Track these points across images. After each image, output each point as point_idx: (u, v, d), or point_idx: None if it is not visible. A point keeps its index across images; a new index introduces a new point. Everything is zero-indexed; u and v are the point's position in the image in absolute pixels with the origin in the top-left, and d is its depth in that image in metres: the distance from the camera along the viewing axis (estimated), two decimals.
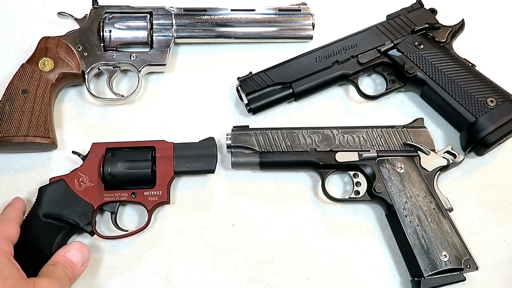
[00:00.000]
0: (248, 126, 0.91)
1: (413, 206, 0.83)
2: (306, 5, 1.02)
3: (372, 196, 0.87)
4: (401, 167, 0.86)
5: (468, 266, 0.80)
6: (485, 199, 0.91)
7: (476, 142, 0.88)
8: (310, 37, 1.01)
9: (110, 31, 0.95)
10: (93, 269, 0.85)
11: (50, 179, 0.84)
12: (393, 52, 0.96)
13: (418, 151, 0.87)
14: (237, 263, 0.87)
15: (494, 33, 1.06)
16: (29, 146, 0.90)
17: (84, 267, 0.78)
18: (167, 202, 0.86)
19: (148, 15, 0.97)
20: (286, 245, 0.88)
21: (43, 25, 1.04)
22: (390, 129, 0.89)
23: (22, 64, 0.92)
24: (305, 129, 0.89)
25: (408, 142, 0.88)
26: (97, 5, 0.97)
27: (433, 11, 1.00)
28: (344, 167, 0.89)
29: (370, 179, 0.87)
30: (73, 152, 0.87)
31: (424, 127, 0.90)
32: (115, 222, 0.85)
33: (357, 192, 0.89)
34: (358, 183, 0.89)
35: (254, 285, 0.85)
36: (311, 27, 1.00)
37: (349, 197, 0.89)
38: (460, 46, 0.98)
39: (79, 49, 0.95)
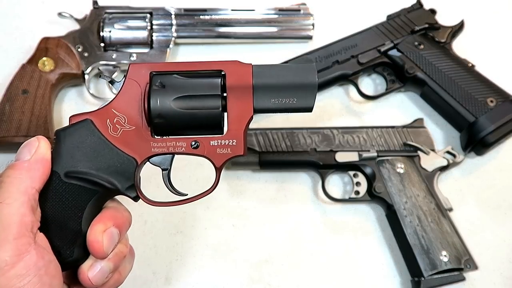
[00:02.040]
0: None
1: (413, 206, 0.84)
2: (306, 5, 1.02)
3: (372, 196, 0.87)
4: (401, 167, 0.86)
5: (468, 266, 0.80)
6: (485, 199, 0.91)
7: (476, 142, 0.88)
8: (310, 37, 1.01)
9: (110, 31, 0.95)
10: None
11: (70, 117, 0.57)
12: (393, 52, 0.96)
13: (418, 151, 0.88)
14: (237, 263, 0.87)
15: (494, 33, 1.06)
16: None
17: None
18: (243, 154, 0.58)
19: (148, 15, 0.97)
20: (286, 245, 0.88)
21: (43, 25, 1.04)
22: (390, 129, 0.90)
23: (22, 65, 0.92)
24: (305, 129, 0.90)
25: (408, 142, 0.88)
26: (97, 6, 0.97)
27: (433, 11, 1.00)
28: (344, 167, 0.89)
29: (370, 179, 0.87)
30: (100, 74, 0.60)
31: (424, 127, 0.90)
32: (170, 183, 0.62)
33: (357, 192, 0.89)
34: (358, 183, 0.89)
35: (254, 285, 0.85)
36: (311, 27, 1.00)
37: (349, 197, 0.89)
38: (460, 46, 0.98)
39: (79, 49, 0.95)
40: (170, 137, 0.57)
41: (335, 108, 0.99)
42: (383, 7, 1.03)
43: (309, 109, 0.58)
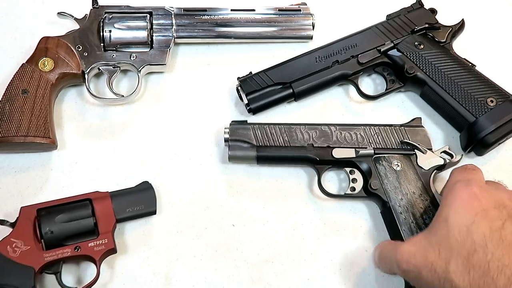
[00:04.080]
0: (246, 121, 0.91)
1: (408, 203, 0.83)
2: (306, 5, 1.02)
3: (368, 192, 0.87)
4: (397, 164, 0.86)
5: None
6: None
7: (476, 142, 0.88)
8: (310, 37, 1.01)
9: (110, 31, 0.95)
10: (92, 270, 0.85)
11: None
12: (393, 52, 0.96)
13: (415, 150, 0.87)
14: (237, 263, 0.87)
15: (494, 33, 1.06)
16: (29, 146, 0.89)
17: None
18: (114, 251, 0.82)
19: (148, 15, 0.97)
20: (286, 245, 0.88)
21: (43, 25, 1.04)
22: (387, 127, 0.90)
23: (22, 64, 0.92)
24: (303, 125, 0.90)
25: (405, 141, 0.88)
26: (97, 5, 0.97)
27: (433, 11, 1.00)
28: (341, 164, 0.89)
29: (366, 176, 0.87)
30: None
31: (422, 126, 0.90)
32: (61, 282, 0.81)
33: (353, 189, 0.88)
34: (354, 180, 0.89)
35: (254, 285, 0.85)
36: (311, 27, 1.00)
37: (345, 193, 0.89)
38: (460, 46, 0.98)
39: (79, 49, 0.95)
40: (58, 248, 0.79)
41: (335, 108, 0.99)
42: (383, 7, 1.03)
43: (154, 212, 0.86)
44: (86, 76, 0.94)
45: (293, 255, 0.87)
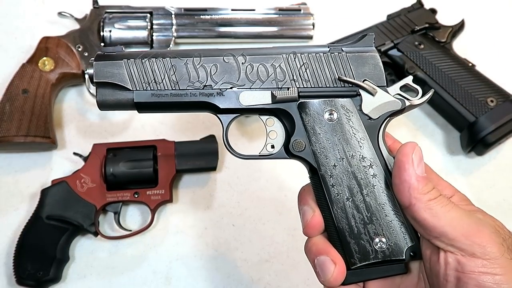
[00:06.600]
0: (122, 47, 0.62)
1: (344, 172, 0.58)
2: (306, 5, 1.02)
3: (290, 154, 0.60)
4: (331, 113, 0.59)
5: (413, 255, 0.56)
6: (485, 199, 0.91)
7: (476, 141, 0.88)
8: (310, 37, 1.01)
9: (110, 31, 0.95)
10: (93, 269, 0.85)
11: (52, 181, 0.85)
12: (393, 52, 0.96)
13: (360, 90, 0.59)
14: (237, 263, 0.87)
15: (494, 33, 1.06)
16: (29, 146, 0.90)
17: None
18: (170, 200, 0.86)
19: (148, 15, 0.97)
20: (286, 245, 0.88)
21: (43, 25, 1.04)
22: (322, 54, 0.60)
23: (23, 64, 0.92)
24: (197, 56, 0.60)
25: (344, 78, 0.59)
26: (97, 5, 0.97)
27: (433, 11, 1.00)
28: (254, 111, 0.61)
29: (288, 130, 0.61)
30: (74, 153, 0.87)
31: (374, 49, 0.61)
32: (118, 222, 0.86)
33: (272, 146, 0.62)
34: (272, 133, 0.62)
35: (254, 285, 0.85)
36: (311, 27, 1.00)
37: (260, 154, 0.62)
38: (460, 46, 0.98)
39: (79, 49, 0.95)
40: (119, 190, 0.84)
41: None
42: (383, 7, 1.03)
43: (213, 168, 0.88)
44: (86, 76, 0.94)
45: (293, 255, 0.87)
